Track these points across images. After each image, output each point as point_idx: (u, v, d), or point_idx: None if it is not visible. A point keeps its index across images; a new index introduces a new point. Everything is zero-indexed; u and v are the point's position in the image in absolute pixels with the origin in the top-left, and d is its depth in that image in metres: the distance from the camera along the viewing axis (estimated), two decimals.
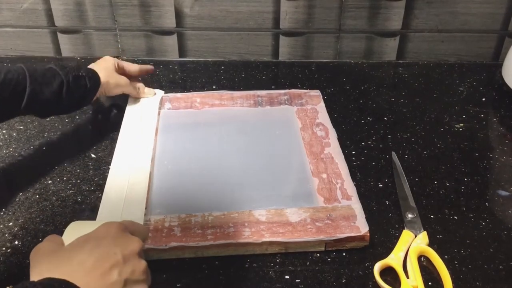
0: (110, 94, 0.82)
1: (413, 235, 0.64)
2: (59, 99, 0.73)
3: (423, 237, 0.64)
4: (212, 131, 0.81)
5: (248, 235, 0.62)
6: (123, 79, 0.84)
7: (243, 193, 0.69)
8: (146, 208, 0.66)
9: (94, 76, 0.78)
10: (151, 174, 0.72)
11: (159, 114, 0.84)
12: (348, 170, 0.72)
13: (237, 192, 0.69)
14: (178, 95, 0.90)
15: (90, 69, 0.79)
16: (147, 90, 0.88)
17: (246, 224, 0.63)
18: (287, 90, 0.90)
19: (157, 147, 0.78)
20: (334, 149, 0.76)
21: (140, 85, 0.88)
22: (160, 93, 0.90)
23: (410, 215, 0.67)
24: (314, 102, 0.87)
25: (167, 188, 0.71)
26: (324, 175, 0.71)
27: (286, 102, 0.87)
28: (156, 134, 0.80)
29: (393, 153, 0.77)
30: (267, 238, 0.62)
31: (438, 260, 0.61)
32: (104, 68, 0.82)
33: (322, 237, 0.62)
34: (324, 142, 0.78)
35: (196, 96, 0.88)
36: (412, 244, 0.63)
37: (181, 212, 0.66)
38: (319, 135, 0.79)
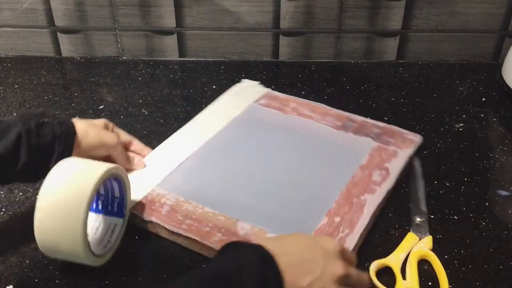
0: (90, 153, 0.64)
1: (417, 238, 0.64)
2: (16, 155, 0.58)
3: (427, 241, 0.63)
4: (278, 137, 0.79)
5: (216, 241, 0.61)
6: (110, 137, 0.68)
7: (249, 203, 0.68)
8: (162, 180, 0.70)
9: (65, 123, 0.62)
10: (193, 154, 0.75)
11: (248, 106, 0.86)
12: (366, 224, 0.64)
13: (246, 199, 0.68)
14: (280, 95, 0.89)
15: (61, 116, 0.66)
16: (138, 160, 0.72)
17: (222, 230, 0.62)
18: (385, 125, 0.81)
19: (219, 134, 0.79)
20: (374, 198, 0.67)
21: (132, 154, 0.73)
22: (261, 87, 0.92)
23: (418, 219, 0.66)
24: (402, 145, 0.76)
25: (193, 171, 0.72)
26: (338, 219, 0.64)
27: (372, 136, 0.78)
28: (230, 122, 0.82)
29: (417, 158, 0.76)
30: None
31: (438, 266, 0.60)
32: (86, 121, 0.66)
33: None
34: (371, 187, 0.69)
35: (293, 101, 0.87)
36: (414, 247, 0.63)
37: (186, 196, 0.67)
38: (373, 179, 0.70)
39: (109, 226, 0.63)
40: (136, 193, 0.67)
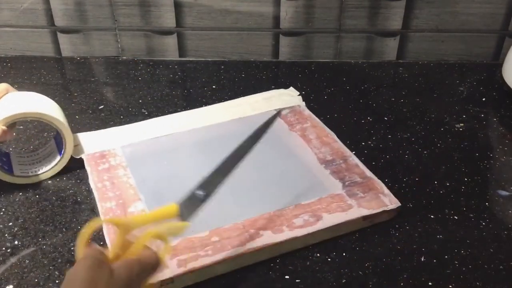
0: None
1: (176, 214, 0.48)
2: None
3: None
4: (260, 148, 0.72)
5: (107, 206, 0.64)
6: None
7: (166, 192, 0.67)
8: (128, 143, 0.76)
9: None
10: (173, 134, 0.78)
11: (266, 112, 0.83)
12: (222, 259, 0.59)
13: (169, 189, 0.68)
14: (306, 112, 0.84)
15: None
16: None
17: (120, 201, 0.65)
18: (374, 178, 0.70)
19: (211, 127, 0.81)
20: (269, 238, 0.61)
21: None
22: (298, 99, 0.88)
23: (199, 192, 0.52)
24: (363, 204, 0.66)
25: (157, 148, 0.75)
26: (216, 239, 0.61)
27: (347, 182, 0.69)
28: (231, 120, 0.82)
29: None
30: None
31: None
32: None
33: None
34: (280, 227, 0.62)
35: (310, 121, 0.82)
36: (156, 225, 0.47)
37: (128, 164, 0.71)
38: (293, 221, 0.63)
39: (50, 160, 0.72)
40: (100, 144, 0.75)
